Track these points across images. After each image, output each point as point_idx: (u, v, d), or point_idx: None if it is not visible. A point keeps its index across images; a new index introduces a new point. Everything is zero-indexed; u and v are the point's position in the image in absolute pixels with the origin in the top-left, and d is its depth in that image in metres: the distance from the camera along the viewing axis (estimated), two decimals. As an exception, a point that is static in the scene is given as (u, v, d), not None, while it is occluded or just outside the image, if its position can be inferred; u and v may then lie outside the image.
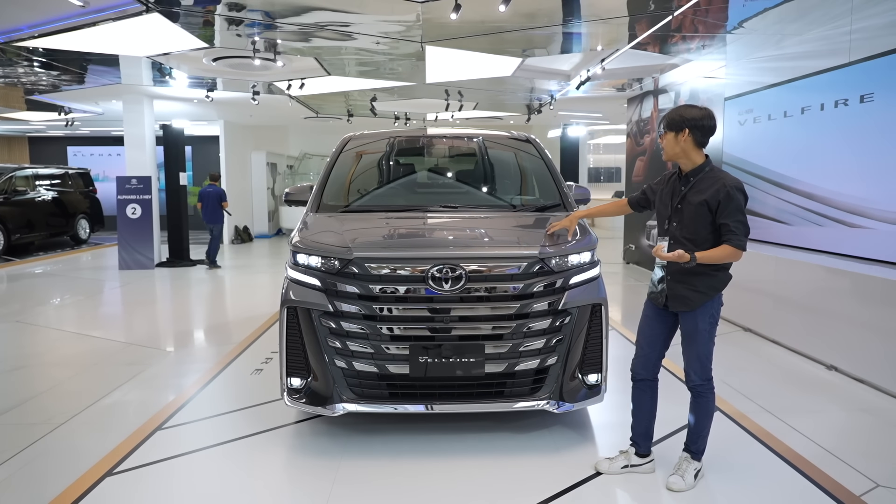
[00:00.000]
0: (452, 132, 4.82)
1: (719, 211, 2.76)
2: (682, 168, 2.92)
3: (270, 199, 17.33)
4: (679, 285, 2.88)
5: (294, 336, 3.36)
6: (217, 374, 4.77)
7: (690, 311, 2.87)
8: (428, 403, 3.27)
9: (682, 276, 2.86)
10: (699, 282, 2.84)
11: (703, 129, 2.80)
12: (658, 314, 3.03)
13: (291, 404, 3.39)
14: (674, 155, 2.89)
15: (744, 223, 2.76)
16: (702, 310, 2.86)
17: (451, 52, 7.33)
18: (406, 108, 12.51)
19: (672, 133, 2.85)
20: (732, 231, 2.73)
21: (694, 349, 2.89)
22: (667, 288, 2.92)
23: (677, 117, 2.84)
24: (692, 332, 2.88)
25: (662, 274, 2.95)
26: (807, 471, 3.17)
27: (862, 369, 4.65)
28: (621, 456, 3.15)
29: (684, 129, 2.81)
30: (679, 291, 2.88)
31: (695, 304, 2.85)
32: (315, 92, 10.20)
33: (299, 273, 3.41)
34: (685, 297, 2.87)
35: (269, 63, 7.59)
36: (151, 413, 3.96)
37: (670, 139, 2.87)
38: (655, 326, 3.03)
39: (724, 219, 2.75)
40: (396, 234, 3.57)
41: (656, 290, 3.00)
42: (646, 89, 10.68)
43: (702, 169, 2.87)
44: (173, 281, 9.65)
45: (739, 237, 2.73)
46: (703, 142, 2.84)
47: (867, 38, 5.37)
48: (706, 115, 2.81)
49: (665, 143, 2.90)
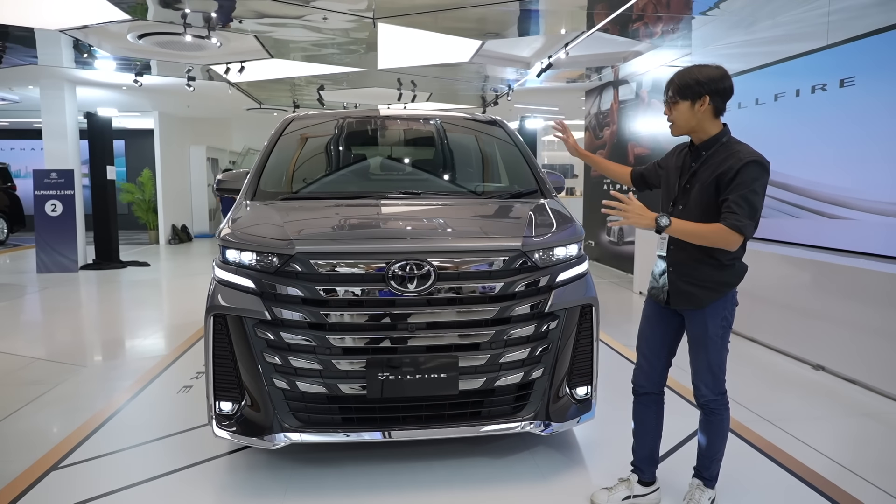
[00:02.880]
0: (410, 113, 4.25)
1: (727, 184, 2.24)
2: (695, 141, 2.41)
3: (211, 196, 16.32)
4: (682, 279, 2.38)
5: (223, 351, 2.73)
6: (137, 393, 4.06)
7: (698, 310, 2.38)
8: (389, 429, 2.69)
9: (685, 268, 2.37)
10: (706, 275, 2.34)
11: (723, 93, 2.29)
12: (660, 315, 2.53)
13: (221, 434, 2.76)
14: (689, 129, 2.37)
15: (749, 202, 2.19)
16: (711, 310, 2.36)
17: (405, 33, 6.75)
18: (356, 98, 11.84)
19: (687, 102, 2.30)
20: (731, 208, 2.19)
21: (703, 358, 2.40)
22: (668, 282, 2.43)
23: (691, 81, 2.29)
24: (700, 336, 2.39)
25: (664, 266, 2.46)
26: (831, 493, 2.76)
27: (851, 369, 4.33)
28: (621, 485, 2.64)
29: (703, 95, 2.28)
30: (682, 287, 2.38)
31: (702, 303, 2.35)
32: (257, 78, 9.42)
33: (229, 273, 2.78)
34: (689, 294, 2.37)
35: (203, 42, 6.83)
36: (46, 447, 3.23)
37: (684, 110, 2.32)
38: (658, 329, 2.53)
39: (726, 193, 2.24)
40: (348, 224, 2.96)
41: (657, 286, 2.51)
42: (605, 80, 10.37)
43: (717, 140, 2.34)
44: (99, 285, 8.72)
45: (737, 216, 2.17)
46: (722, 108, 2.33)
47: (847, 18, 5.10)
48: (724, 73, 2.30)
49: (676, 115, 2.35)
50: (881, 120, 4.72)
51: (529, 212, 3.06)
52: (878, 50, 4.75)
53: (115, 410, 3.75)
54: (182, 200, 15.09)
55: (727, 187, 2.24)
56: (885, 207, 4.68)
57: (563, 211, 3.20)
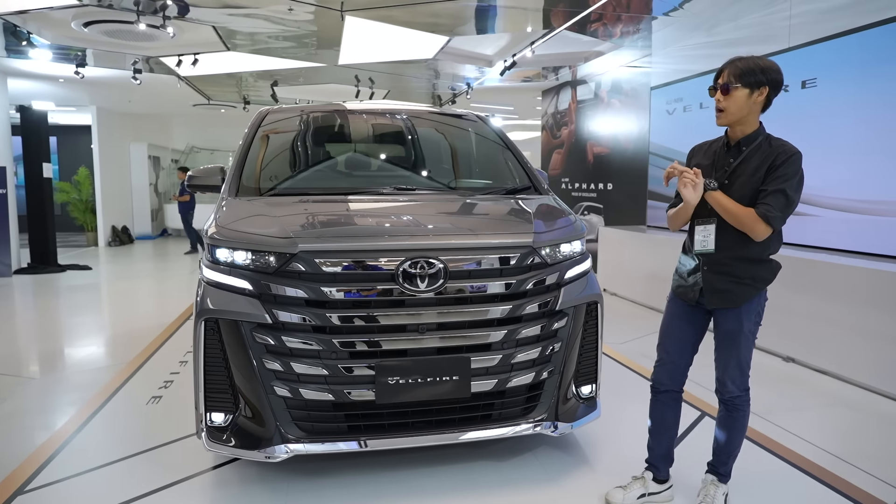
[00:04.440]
0: (396, 107, 4.10)
1: (767, 175, 2.22)
2: (733, 136, 2.34)
3: (153, 196, 15.58)
4: (718, 277, 2.35)
5: (215, 358, 2.53)
6: (101, 405, 3.76)
7: (734, 308, 2.36)
8: (398, 436, 2.56)
9: (722, 266, 2.33)
10: (743, 271, 2.32)
11: (778, 87, 2.24)
12: (688, 313, 2.49)
13: (213, 448, 2.56)
14: (739, 119, 2.26)
15: (786, 195, 2.18)
16: (747, 307, 2.35)
17: (371, 27, 6.58)
18: (311, 94, 11.53)
19: (746, 90, 2.21)
20: (766, 199, 2.18)
21: (734, 354, 2.38)
22: (702, 280, 2.39)
23: (755, 68, 2.19)
24: (734, 334, 2.37)
25: (695, 263, 2.42)
26: (830, 481, 2.81)
27: (820, 360, 4.49)
28: (636, 483, 2.60)
29: (763, 85, 2.20)
30: (719, 284, 2.35)
31: (739, 300, 2.33)
32: (209, 72, 9.02)
33: (221, 274, 2.58)
34: (727, 292, 2.34)
35: (156, 32, 6.45)
36: (7, 469, 2.93)
37: (741, 98, 2.22)
38: (686, 328, 2.49)
39: (765, 184, 2.21)
40: (351, 220, 2.80)
41: (686, 284, 2.46)
42: (562, 80, 10.47)
43: (758, 135, 2.30)
44: (37, 291, 8.12)
45: (770, 207, 2.16)
46: (769, 104, 2.28)
47: (808, 22, 5.29)
48: (778, 67, 2.25)
49: (731, 102, 2.23)
50: (842, 120, 4.92)
51: (532, 208, 2.99)
52: (839, 53, 4.95)
53: (80, 425, 3.45)
54: (122, 200, 14.34)
55: (769, 176, 2.22)
56: (847, 204, 4.88)
57: (563, 207, 3.15)
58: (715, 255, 2.33)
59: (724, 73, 2.28)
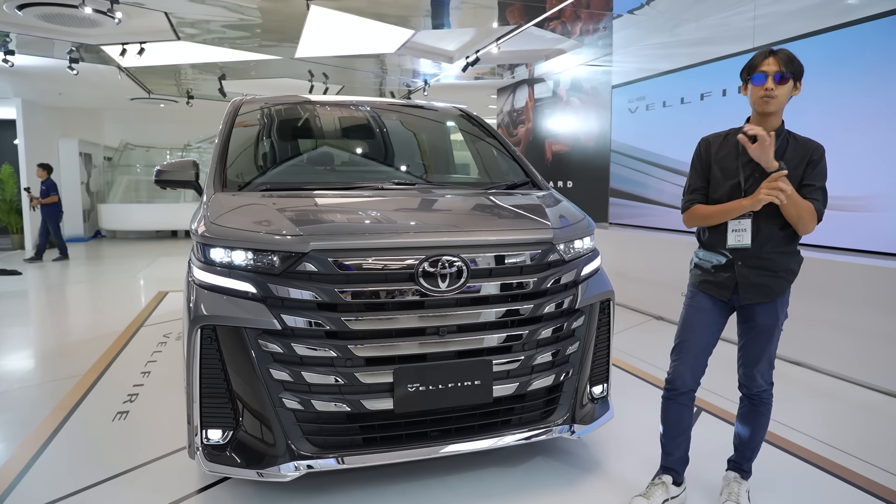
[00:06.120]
0: (381, 100, 3.92)
1: (807, 171, 2.23)
2: (767, 127, 2.26)
3: (85, 195, 14.65)
4: (755, 271, 2.30)
5: (213, 369, 2.30)
6: (61, 424, 3.40)
7: (770, 302, 2.32)
8: (416, 447, 2.40)
9: (759, 260, 2.28)
10: (780, 264, 2.29)
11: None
12: (715, 308, 2.42)
13: (212, 468, 2.32)
14: (780, 108, 2.24)
15: (825, 192, 2.25)
16: (782, 299, 2.32)
17: (335, 18, 6.34)
18: (261, 89, 11.10)
19: (791, 83, 2.20)
20: (814, 196, 2.21)
21: (767, 349, 2.35)
22: (738, 275, 2.32)
23: (799, 63, 2.21)
24: (770, 328, 2.33)
25: (726, 259, 2.34)
26: (846, 476, 2.84)
27: (794, 352, 4.61)
28: (657, 489, 2.49)
29: (800, 80, 2.22)
30: (755, 279, 2.30)
31: (775, 294, 2.30)
32: (153, 63, 8.50)
33: (217, 276, 2.35)
34: (764, 287, 2.29)
35: (101, 17, 5.99)
36: (-35, 502, 2.59)
37: (787, 90, 2.20)
38: (713, 323, 2.42)
39: (809, 180, 2.22)
40: (364, 217, 2.60)
41: (713, 279, 2.39)
42: (518, 78, 10.49)
43: (782, 129, 2.29)
44: (-38, 298, 7.43)
45: (820, 203, 2.22)
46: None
47: (773, 23, 5.44)
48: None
49: (782, 91, 2.18)
50: (803, 117, 5.08)
51: (542, 203, 2.89)
52: (801, 54, 5.10)
53: (40, 447, 3.10)
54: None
55: (811, 171, 2.22)
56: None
57: (568, 203, 3.06)
58: (751, 249, 2.28)
59: (772, 61, 2.21)
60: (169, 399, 3.73)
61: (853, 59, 4.65)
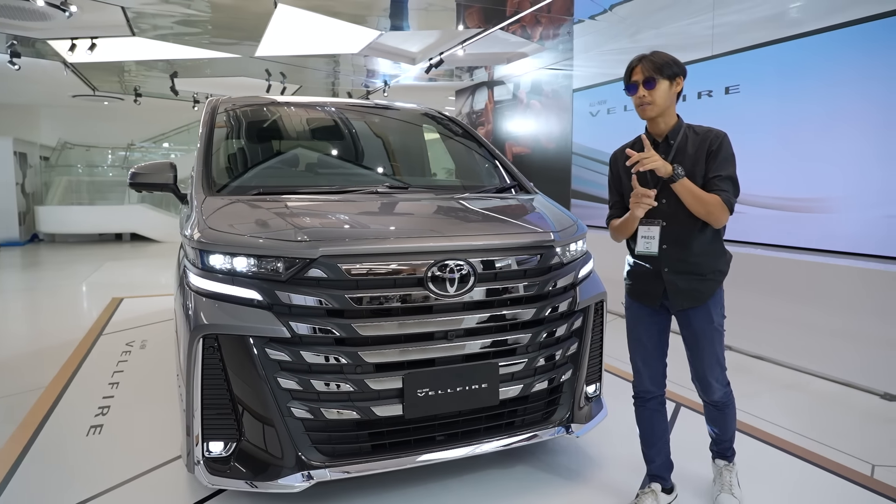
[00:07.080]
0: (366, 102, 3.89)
1: (709, 162, 2.24)
2: (656, 131, 2.33)
3: (20, 196, 13.84)
4: (682, 277, 2.32)
5: (216, 379, 2.23)
6: (31, 440, 3.21)
7: (701, 305, 2.34)
8: (424, 452, 2.39)
9: (685, 265, 2.31)
10: (706, 266, 2.31)
11: (684, 77, 2.30)
12: (653, 316, 2.46)
13: (215, 482, 2.25)
14: (663, 110, 2.27)
15: (733, 180, 2.24)
16: (713, 301, 2.35)
17: (300, 17, 6.23)
18: (215, 88, 10.79)
19: (667, 82, 2.23)
20: (720, 186, 2.20)
21: (710, 351, 2.37)
22: (665, 282, 2.35)
23: (669, 61, 2.23)
24: (706, 330, 2.35)
25: (650, 266, 2.38)
26: (817, 461, 3.00)
27: (756, 346, 4.83)
28: (647, 498, 2.51)
29: (679, 76, 2.25)
30: (682, 285, 2.32)
31: (704, 297, 2.33)
32: (101, 59, 8.12)
33: (218, 283, 2.28)
34: (692, 291, 2.32)
35: (51, 10, 5.69)
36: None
37: (665, 90, 2.23)
38: (654, 330, 2.46)
39: (714, 171, 2.22)
40: (370, 222, 2.57)
41: (643, 288, 2.43)
42: (477, 80, 10.57)
43: (680, 127, 2.31)
44: None
45: (728, 194, 2.20)
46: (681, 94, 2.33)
47: (730, 33, 5.68)
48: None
49: (658, 94, 2.23)
50: (763, 123, 5.33)
51: (538, 207, 2.94)
52: (760, 61, 5.36)
53: (11, 468, 2.92)
54: (-17, 202, 12.63)
55: (712, 162, 2.24)
56: (768, 202, 5.30)
57: (559, 207, 3.12)
58: (677, 255, 2.31)
59: (639, 69, 2.26)
60: (145, 410, 3.58)
61: (808, 67, 4.91)
